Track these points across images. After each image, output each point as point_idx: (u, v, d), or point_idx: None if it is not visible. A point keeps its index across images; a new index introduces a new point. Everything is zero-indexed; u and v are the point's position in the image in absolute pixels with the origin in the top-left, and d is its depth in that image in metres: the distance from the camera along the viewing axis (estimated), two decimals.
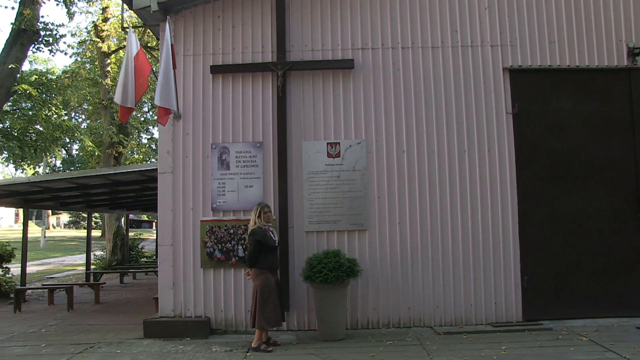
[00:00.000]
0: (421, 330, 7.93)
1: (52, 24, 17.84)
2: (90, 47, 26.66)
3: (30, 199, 14.62)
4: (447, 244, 8.20)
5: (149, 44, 22.14)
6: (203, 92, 8.62)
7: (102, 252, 24.65)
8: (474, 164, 8.34)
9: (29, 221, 16.29)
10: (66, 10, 19.71)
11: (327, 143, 8.35)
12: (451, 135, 8.38)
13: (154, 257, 23.96)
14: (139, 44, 8.19)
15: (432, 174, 8.31)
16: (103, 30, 24.40)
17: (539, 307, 8.14)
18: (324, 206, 8.23)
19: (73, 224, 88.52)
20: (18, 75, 16.49)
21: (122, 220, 24.71)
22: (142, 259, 24.82)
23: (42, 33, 17.23)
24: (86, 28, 27.96)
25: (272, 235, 7.23)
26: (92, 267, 20.17)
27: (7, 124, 16.97)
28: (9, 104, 16.65)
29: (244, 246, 8.12)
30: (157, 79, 8.64)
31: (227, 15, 8.76)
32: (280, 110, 8.36)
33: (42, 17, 17.37)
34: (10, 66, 15.63)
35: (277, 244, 7.36)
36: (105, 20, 24.64)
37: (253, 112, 8.52)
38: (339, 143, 8.36)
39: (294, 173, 8.35)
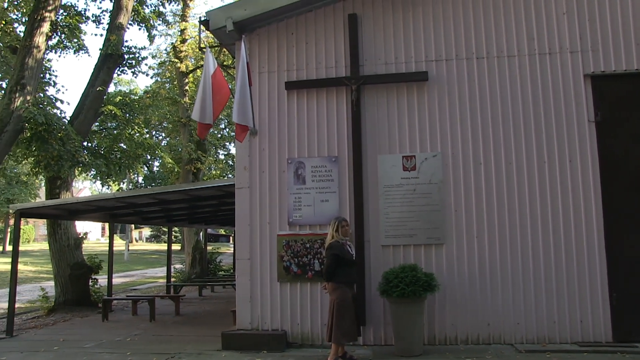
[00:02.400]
0: (501, 348, 7.68)
1: (135, 47, 18.72)
2: (169, 67, 27.71)
3: (115, 214, 15.27)
4: (528, 258, 7.93)
5: (224, 63, 22.77)
6: (278, 108, 8.77)
7: (181, 265, 25.38)
8: (554, 175, 8.04)
9: (114, 235, 16.99)
10: (147, 34, 20.65)
11: (403, 156, 8.30)
12: (530, 146, 8.13)
13: (232, 271, 24.42)
14: (215, 63, 8.43)
15: (511, 185, 8.08)
16: (181, 51, 25.31)
17: (631, 327, 7.67)
18: (400, 220, 8.16)
19: (154, 237, 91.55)
20: (105, 97, 17.33)
21: (201, 234, 25.35)
22: (220, 272, 25.34)
23: (126, 56, 18.09)
24: (165, 49, 29.14)
25: (349, 249, 7.23)
26: (172, 279, 20.76)
27: (95, 143, 17.80)
28: (96, 124, 17.48)
29: (320, 260, 8.17)
30: (233, 96, 8.88)
31: (301, 32, 8.91)
32: (354, 124, 8.38)
33: (126, 41, 18.24)
34: (98, 89, 16.48)
35: (354, 258, 7.36)
36: (184, 41, 25.56)
37: (328, 126, 8.59)
38: (414, 156, 8.29)
39: (370, 187, 8.33)
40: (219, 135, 30.53)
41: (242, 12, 8.61)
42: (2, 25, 16.65)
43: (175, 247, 44.32)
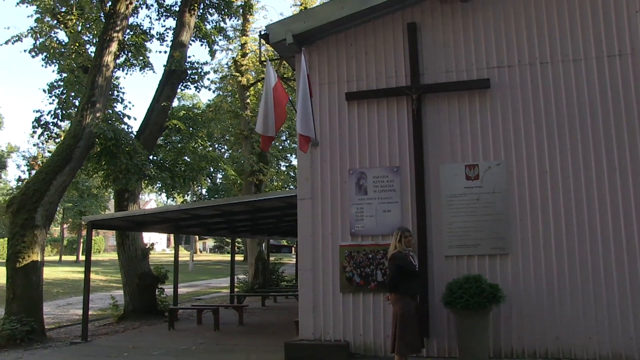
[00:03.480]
0: None
1: (198, 62, 19.20)
2: (230, 81, 28.21)
3: (180, 225, 15.65)
4: (599, 269, 7.60)
5: (285, 75, 23.01)
6: (339, 119, 8.82)
7: (244, 276, 25.69)
8: (626, 182, 7.69)
9: (179, 246, 17.40)
10: (209, 49, 21.12)
11: (465, 165, 8.17)
12: (599, 153, 7.82)
13: (294, 281, 24.55)
14: (276, 75, 8.55)
15: (579, 194, 7.80)
16: (242, 65, 25.76)
17: None
18: (463, 230, 8.03)
19: (218, 248, 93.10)
20: (169, 112, 17.85)
21: (264, 245, 25.62)
22: (283, 283, 25.52)
23: (189, 72, 18.60)
24: (227, 64, 29.67)
25: (412, 259, 7.16)
26: (236, 290, 21.07)
27: (160, 156, 18.32)
28: (161, 138, 18.01)
29: (382, 271, 8.12)
30: (294, 108, 8.98)
31: (360, 43, 8.94)
32: (416, 133, 8.32)
33: (189, 57, 18.76)
34: (162, 104, 17.01)
35: (417, 269, 7.28)
36: (244, 55, 26.01)
37: (389, 136, 8.56)
38: (477, 165, 8.15)
39: (432, 196, 8.23)
40: (280, 147, 30.84)
41: (301, 25, 8.72)
42: (76, 46, 17.40)
43: (239, 257, 44.87)
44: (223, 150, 33.84)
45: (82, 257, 53.43)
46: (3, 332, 11.03)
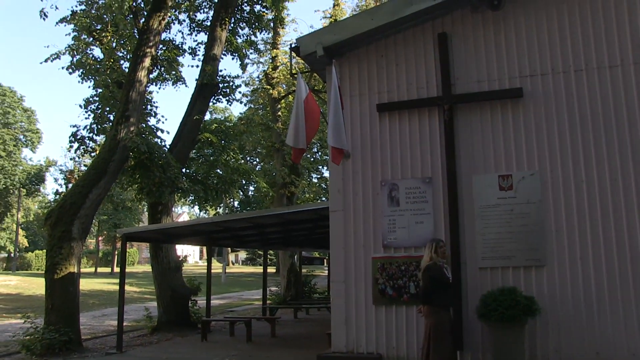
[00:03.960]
0: None
1: (229, 76, 19.42)
2: (261, 94, 28.45)
3: (213, 238, 15.78)
4: None
5: (315, 87, 23.12)
6: (370, 131, 8.79)
7: (276, 288, 25.73)
8: None
9: (211, 258, 17.52)
10: (240, 62, 21.35)
11: (499, 176, 8.05)
12: (637, 161, 7.60)
13: (326, 293, 24.50)
14: (307, 88, 8.59)
15: (617, 204, 7.59)
16: (273, 78, 25.97)
17: None
18: (497, 241, 7.90)
19: (250, 260, 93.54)
20: (201, 125, 18.06)
21: (295, 257, 25.64)
22: (315, 295, 25.49)
23: (221, 85, 18.81)
24: (258, 77, 29.96)
25: (446, 271, 7.08)
26: (268, 302, 21.10)
27: (193, 169, 18.52)
28: (193, 151, 18.21)
29: (415, 283, 8.04)
30: (325, 120, 8.99)
31: (390, 54, 8.92)
32: (448, 144, 8.24)
33: (221, 71, 18.98)
34: (195, 117, 17.22)
35: (450, 281, 7.19)
36: (275, 68, 26.22)
37: (421, 147, 8.50)
38: (510, 175, 8.02)
39: (465, 208, 8.13)
40: (312, 159, 30.91)
41: (331, 37, 8.75)
42: (110, 62, 17.76)
43: (271, 269, 45.03)
44: (255, 162, 34.10)
45: (116, 269, 54.31)
46: (43, 341, 11.28)
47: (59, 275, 12.23)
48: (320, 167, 32.31)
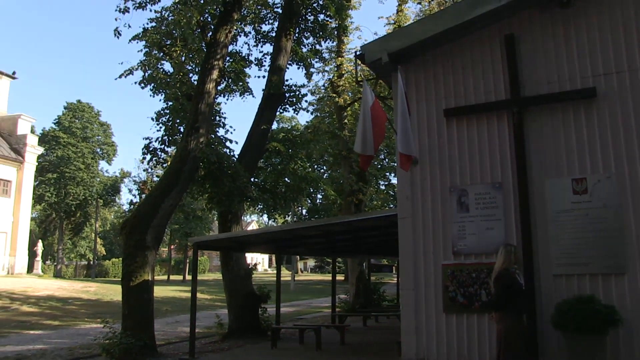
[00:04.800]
0: None
1: (295, 85, 19.60)
2: (327, 102, 28.61)
3: (282, 246, 15.92)
4: None
5: (381, 94, 23.05)
6: (438, 136, 8.67)
7: (345, 296, 25.70)
8: None
9: (281, 265, 17.69)
10: (305, 72, 21.53)
11: (572, 179, 7.75)
12: None
13: (396, 301, 24.28)
14: (373, 95, 8.56)
15: None
16: (338, 86, 26.06)
17: None
18: (572, 247, 7.58)
19: (318, 268, 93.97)
20: (269, 134, 18.30)
21: (364, 264, 25.54)
22: (384, 303, 25.30)
23: (287, 95, 19.02)
24: (323, 85, 30.15)
25: (518, 277, 6.87)
26: (337, 309, 21.10)
27: (261, 178, 18.78)
28: (262, 160, 18.47)
29: (487, 290, 7.84)
30: (392, 127, 8.92)
31: (456, 58, 8.78)
32: (518, 148, 8.02)
33: (287, 80, 19.19)
34: (262, 127, 17.48)
35: (523, 288, 6.96)
36: (340, 76, 26.32)
37: (490, 152, 8.31)
38: (585, 179, 7.70)
39: (537, 213, 7.87)
40: (379, 166, 30.80)
41: (396, 43, 8.71)
42: (180, 76, 18.29)
43: (339, 277, 45.09)
44: (322, 170, 34.26)
45: (188, 277, 55.68)
46: (121, 346, 11.70)
47: (134, 283, 12.64)
48: (388, 173, 32.16)
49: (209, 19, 17.16)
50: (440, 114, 8.69)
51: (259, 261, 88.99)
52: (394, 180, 31.95)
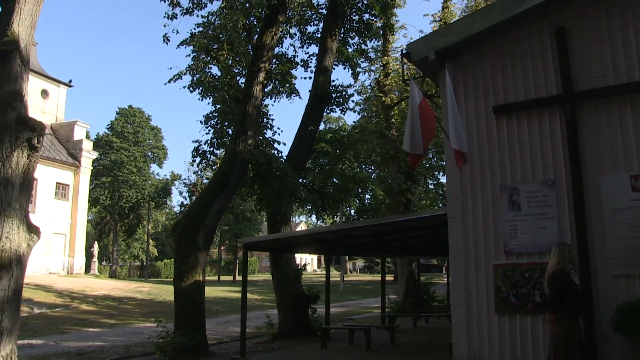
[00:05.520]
0: None
1: (342, 85, 19.64)
2: (374, 102, 28.49)
3: (331, 246, 15.93)
4: None
5: (428, 93, 22.83)
6: (487, 134, 8.50)
7: (395, 296, 25.52)
8: None
9: (330, 266, 17.71)
10: (351, 71, 21.48)
11: (631, 176, 7.44)
12: None
13: (446, 301, 24.00)
14: (420, 93, 8.45)
15: None
16: (385, 85, 25.91)
17: None
18: (633, 247, 7.26)
19: (367, 268, 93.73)
20: (316, 135, 18.35)
21: (414, 264, 25.32)
22: (434, 303, 25.03)
23: (334, 95, 19.03)
24: (370, 85, 30.03)
25: (574, 278, 6.65)
26: (387, 310, 20.98)
27: (309, 179, 18.84)
28: (309, 161, 18.53)
29: (540, 291, 7.63)
30: (440, 125, 8.81)
31: (504, 54, 8.59)
32: (571, 144, 7.77)
33: (333, 81, 19.23)
34: (310, 128, 17.53)
35: (579, 288, 6.74)
36: (386, 75, 26.16)
37: (541, 149, 8.08)
38: None
39: (592, 211, 7.60)
40: (427, 165, 30.48)
41: (442, 41, 8.59)
42: (227, 79, 18.53)
43: (389, 277, 44.81)
44: (370, 170, 34.14)
45: (238, 277, 56.33)
46: (174, 345, 11.94)
47: (186, 283, 12.87)
48: (437, 172, 31.78)
49: (255, 22, 17.35)
50: (489, 111, 8.51)
51: (308, 262, 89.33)
52: (443, 180, 31.55)
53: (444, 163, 9.59)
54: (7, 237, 8.42)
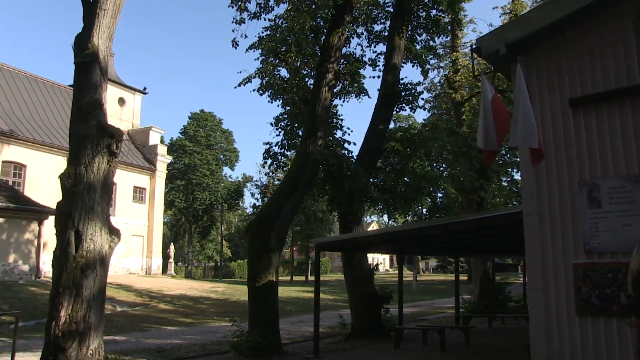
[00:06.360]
0: None
1: (410, 83, 19.41)
2: (444, 99, 28.09)
3: (403, 246, 15.80)
4: None
5: (499, 87, 22.27)
6: (563, 128, 8.17)
7: (469, 296, 25.05)
8: None
9: (402, 266, 17.57)
10: (420, 69, 21.23)
11: None
12: None
13: (522, 302, 23.34)
14: (492, 88, 8.24)
15: None
16: (455, 81, 25.49)
17: None
18: None
19: (440, 268, 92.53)
20: (386, 134, 18.24)
21: (488, 264, 24.79)
22: (510, 304, 24.40)
23: (403, 94, 18.85)
24: (439, 82, 29.62)
25: None
26: (461, 310, 20.63)
27: (380, 178, 18.74)
28: (380, 160, 18.45)
29: (626, 292, 7.27)
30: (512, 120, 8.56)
31: (581, 44, 8.22)
32: None
33: (402, 79, 19.01)
34: (379, 127, 17.45)
35: None
36: (456, 71, 25.74)
37: (623, 142, 7.66)
38: None
39: None
40: (500, 162, 29.73)
41: (514, 34, 8.33)
42: (296, 81, 18.71)
43: (462, 277, 44.01)
44: (442, 168, 33.64)
45: (310, 278, 56.77)
46: (248, 344, 12.19)
47: (259, 284, 13.08)
48: (510, 169, 30.95)
49: (322, 23, 17.44)
50: (565, 104, 8.18)
51: (380, 261, 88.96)
52: (517, 176, 30.73)
53: (518, 160, 9.30)
54: (90, 239, 8.87)
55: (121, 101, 44.33)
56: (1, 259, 26.81)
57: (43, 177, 33.07)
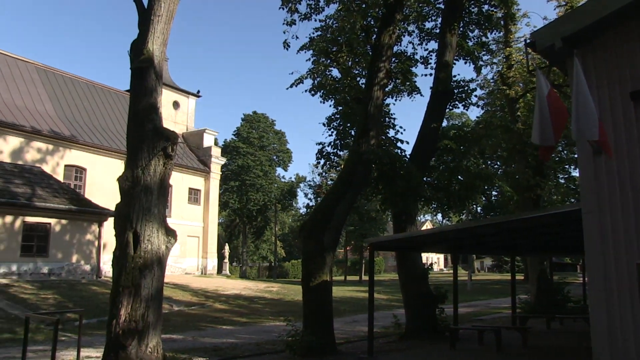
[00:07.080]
0: None
1: (463, 81, 19.18)
2: (498, 95, 27.61)
3: (458, 245, 15.62)
4: None
5: (555, 82, 21.74)
6: (624, 122, 7.91)
7: (526, 296, 24.55)
8: None
9: (457, 265, 17.37)
10: (473, 66, 20.92)
11: None
12: None
13: (582, 303, 22.72)
14: (548, 83, 8.07)
15: None
16: (509, 77, 25.04)
17: None
18: None
19: (496, 267, 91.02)
20: (439, 132, 18.08)
21: (545, 263, 24.24)
22: (569, 304, 23.77)
23: (456, 91, 18.64)
24: (493, 78, 29.12)
25: None
26: (518, 310, 20.24)
27: (434, 177, 18.58)
28: (433, 159, 18.31)
29: None
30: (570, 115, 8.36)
31: None
32: None
33: (454, 76, 18.79)
34: (432, 125, 17.31)
35: None
36: (510, 67, 25.28)
37: None
38: None
39: None
40: (557, 159, 29.02)
41: (570, 27, 8.10)
42: (348, 81, 18.74)
43: (519, 276, 43.11)
44: (497, 166, 33.08)
45: (364, 277, 56.72)
46: (302, 344, 12.30)
47: (313, 284, 13.17)
48: (568, 166, 30.16)
49: (372, 22, 17.41)
50: (626, 98, 7.91)
51: (435, 261, 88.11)
52: (575, 173, 29.93)
53: (576, 156, 9.07)
54: (148, 240, 9.12)
55: (176, 104, 45.36)
56: (65, 259, 27.83)
57: (102, 180, 34.22)
